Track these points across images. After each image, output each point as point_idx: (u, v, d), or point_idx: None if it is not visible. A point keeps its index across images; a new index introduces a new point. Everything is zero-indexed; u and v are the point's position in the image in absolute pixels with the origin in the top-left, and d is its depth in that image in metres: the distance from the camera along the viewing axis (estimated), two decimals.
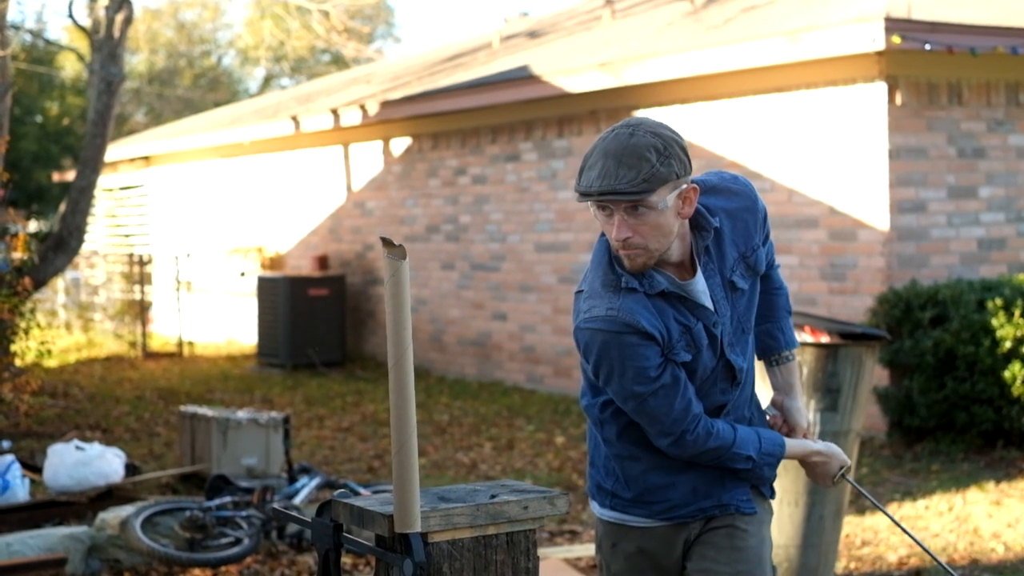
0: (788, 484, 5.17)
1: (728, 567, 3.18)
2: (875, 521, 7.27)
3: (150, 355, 16.90)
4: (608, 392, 3.13)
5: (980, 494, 7.83)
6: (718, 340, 3.13)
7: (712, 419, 3.15)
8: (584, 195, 2.97)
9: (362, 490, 6.92)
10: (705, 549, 3.22)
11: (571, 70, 11.83)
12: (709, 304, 3.11)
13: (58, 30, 44.21)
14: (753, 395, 3.33)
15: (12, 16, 25.06)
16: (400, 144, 15.18)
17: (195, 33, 42.10)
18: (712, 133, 10.89)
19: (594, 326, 3.03)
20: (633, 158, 2.91)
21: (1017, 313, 8.62)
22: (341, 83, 20.13)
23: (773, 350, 3.42)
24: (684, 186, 2.99)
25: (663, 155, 2.93)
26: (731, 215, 3.17)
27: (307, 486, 7.26)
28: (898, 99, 9.64)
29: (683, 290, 3.09)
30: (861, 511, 7.47)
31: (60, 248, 12.77)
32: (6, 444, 9.08)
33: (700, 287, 3.11)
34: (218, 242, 19.05)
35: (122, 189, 22.39)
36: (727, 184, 3.22)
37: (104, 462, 7.71)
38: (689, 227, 3.10)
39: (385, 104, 14.53)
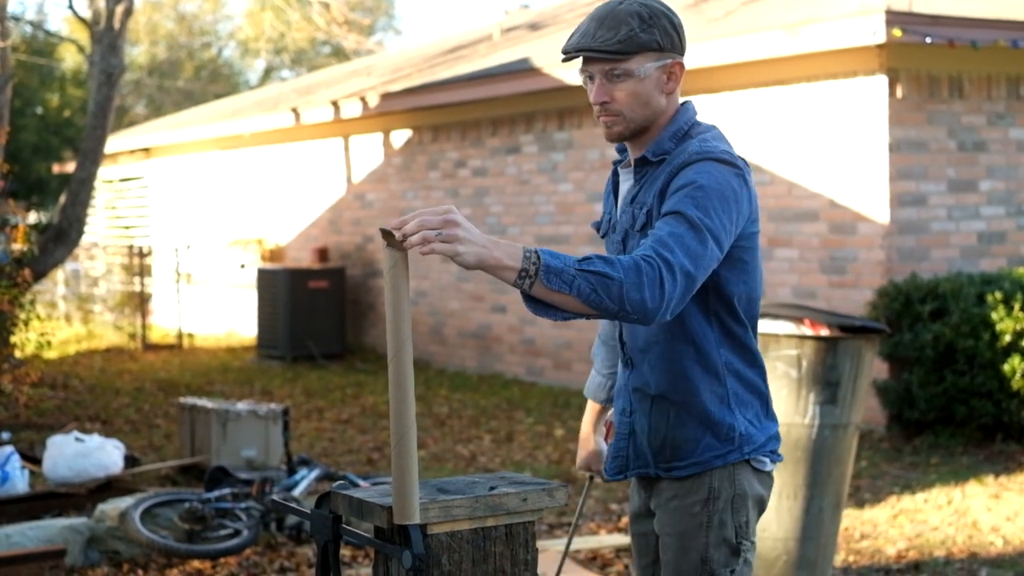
0: (787, 478, 5.17)
1: None
2: (874, 514, 7.28)
3: (150, 347, 16.90)
4: None
5: (979, 487, 7.84)
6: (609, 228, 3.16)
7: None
8: (565, 54, 2.97)
9: (361, 482, 6.93)
10: None
11: (571, 63, 11.80)
12: (619, 198, 3.13)
13: (58, 21, 44.21)
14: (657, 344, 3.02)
15: (12, 7, 25.04)
16: (400, 136, 15.17)
17: (195, 25, 42.07)
18: None
19: None
20: (614, 21, 2.92)
21: (1017, 307, 8.62)
22: (341, 75, 20.12)
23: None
24: (669, 60, 2.95)
25: (646, 22, 2.92)
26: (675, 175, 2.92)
27: (306, 478, 7.26)
28: (899, 92, 9.63)
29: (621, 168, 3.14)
30: (860, 504, 7.48)
31: (60, 239, 12.76)
32: (6, 435, 9.09)
33: (626, 184, 3.10)
34: (218, 234, 19.04)
35: (122, 181, 22.38)
36: (719, 156, 2.90)
37: (103, 454, 7.71)
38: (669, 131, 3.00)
39: (385, 96, 14.53)
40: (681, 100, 3.06)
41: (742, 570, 3.00)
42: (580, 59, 3.01)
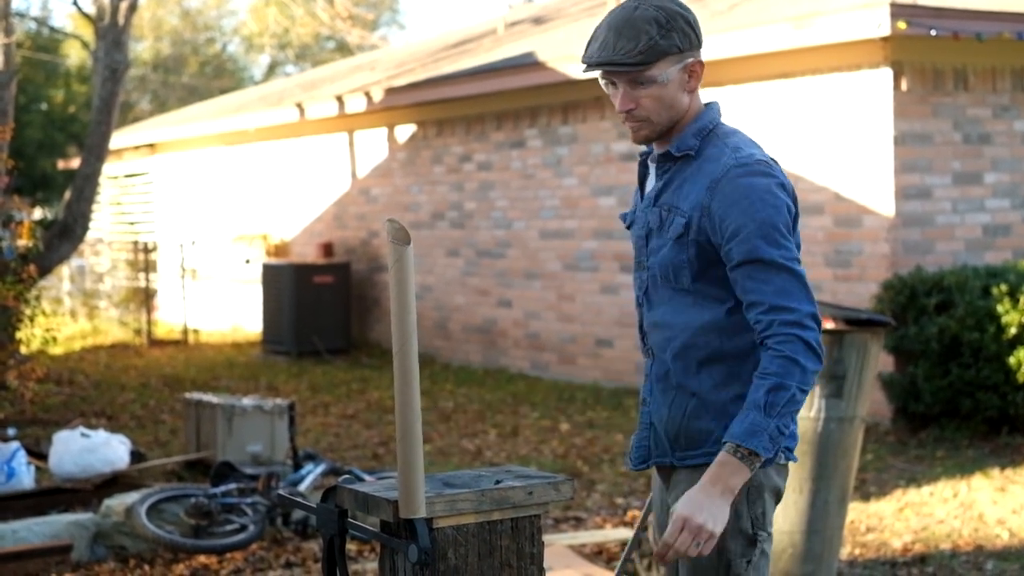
0: (793, 470, 5.17)
1: None
2: (880, 507, 7.27)
3: (155, 342, 16.92)
4: None
5: (985, 480, 7.83)
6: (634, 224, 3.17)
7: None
8: (587, 65, 3.00)
9: (367, 476, 6.93)
10: None
11: (576, 56, 11.80)
12: (647, 189, 3.15)
13: (63, 18, 44.25)
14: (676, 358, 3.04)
15: (17, 4, 25.02)
16: (405, 131, 15.17)
17: (200, 20, 42.08)
18: None
19: None
20: (632, 30, 2.92)
21: (1022, 299, 8.60)
22: (346, 70, 20.11)
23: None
24: (689, 60, 2.98)
25: (664, 28, 2.93)
26: (710, 175, 2.97)
27: (312, 473, 7.26)
28: (903, 85, 9.62)
29: (647, 168, 3.16)
30: (866, 497, 7.48)
31: (65, 235, 12.78)
32: (11, 431, 9.09)
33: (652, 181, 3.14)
34: (223, 229, 19.05)
35: (127, 177, 22.39)
36: (756, 168, 2.95)
37: (109, 449, 7.72)
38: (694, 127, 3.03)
39: (390, 91, 14.52)
40: (705, 102, 3.10)
41: (759, 561, 3.00)
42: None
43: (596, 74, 3.05)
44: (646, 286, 3.11)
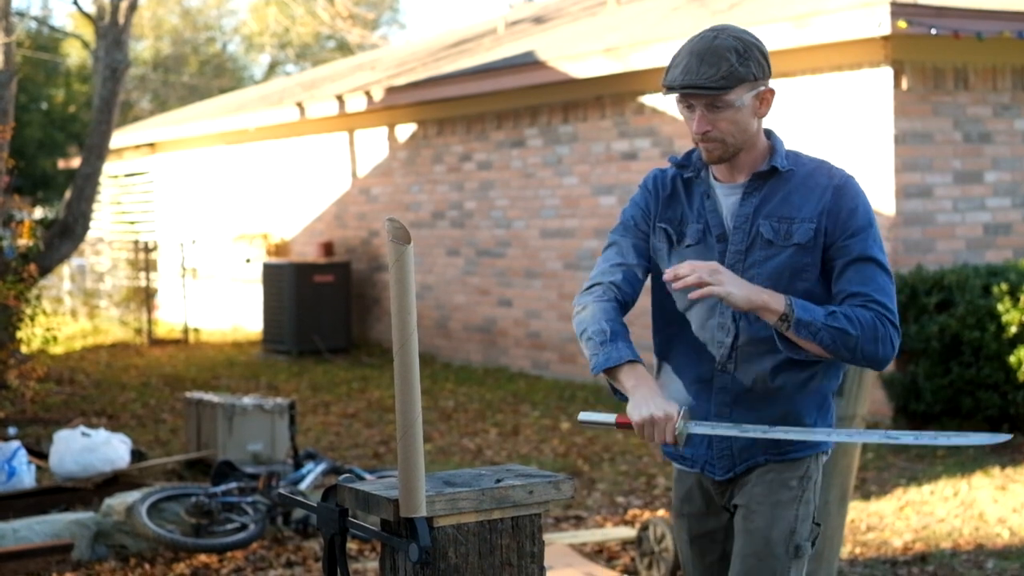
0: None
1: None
2: (880, 506, 7.28)
3: (156, 342, 16.92)
4: None
5: (985, 479, 7.83)
6: (714, 253, 3.25)
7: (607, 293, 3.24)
8: (669, 88, 3.19)
9: (367, 475, 6.93)
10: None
11: (576, 56, 11.81)
12: (724, 215, 3.27)
13: (63, 17, 44.25)
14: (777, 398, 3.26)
15: (17, 3, 25.05)
16: (405, 130, 15.17)
17: (200, 20, 42.08)
18: None
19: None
20: (714, 57, 3.13)
21: (1023, 298, 8.60)
22: (346, 69, 20.11)
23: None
24: (762, 88, 3.20)
25: (743, 56, 3.14)
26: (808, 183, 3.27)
27: (313, 472, 7.27)
28: (904, 84, 9.62)
29: (709, 187, 3.30)
30: (867, 496, 7.48)
31: (65, 235, 12.78)
32: (12, 431, 9.10)
33: (731, 199, 3.28)
34: (223, 229, 19.05)
35: (127, 176, 22.39)
36: (854, 178, 3.32)
37: (110, 448, 7.72)
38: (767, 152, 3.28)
39: (390, 90, 14.52)
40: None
41: (810, 550, 3.29)
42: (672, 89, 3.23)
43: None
44: (730, 309, 3.23)
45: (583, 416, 3.12)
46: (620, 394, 3.17)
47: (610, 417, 3.08)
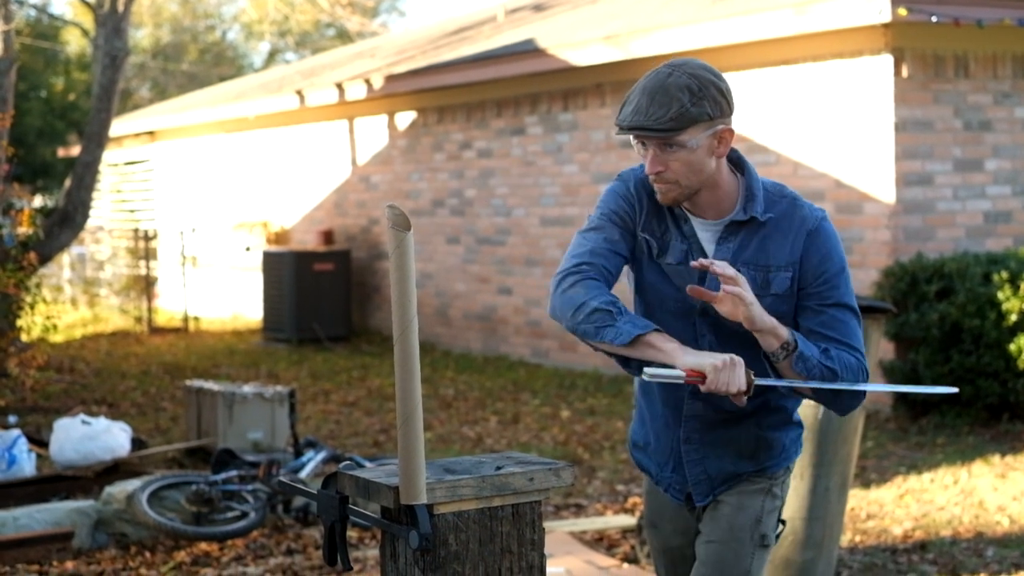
0: None
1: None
2: (880, 494, 7.28)
3: (156, 330, 16.93)
4: None
5: (985, 467, 7.84)
6: (694, 277, 3.16)
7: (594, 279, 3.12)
8: (620, 128, 3.11)
9: (368, 463, 6.93)
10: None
11: (576, 43, 11.79)
12: (705, 249, 3.19)
13: (63, 5, 44.16)
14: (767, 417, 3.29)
15: None
16: (405, 118, 15.15)
17: (199, 7, 42.00)
18: None
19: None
20: (665, 97, 3.02)
21: (1023, 286, 8.60)
22: (346, 57, 20.09)
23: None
24: (720, 127, 3.06)
25: (696, 96, 3.01)
26: (780, 227, 3.19)
27: (313, 460, 7.27)
28: (904, 71, 9.61)
29: (685, 213, 3.19)
30: (866, 484, 7.48)
31: (65, 223, 12.78)
32: (12, 419, 9.10)
33: (705, 234, 3.19)
34: (223, 217, 19.05)
35: (127, 164, 22.38)
36: (828, 219, 3.25)
37: (110, 436, 7.72)
38: (741, 191, 3.17)
39: (390, 78, 14.50)
40: (735, 156, 3.21)
41: (774, 544, 3.31)
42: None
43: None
44: (709, 336, 3.17)
45: (648, 371, 2.95)
46: (634, 366, 3.06)
47: (678, 372, 2.96)
